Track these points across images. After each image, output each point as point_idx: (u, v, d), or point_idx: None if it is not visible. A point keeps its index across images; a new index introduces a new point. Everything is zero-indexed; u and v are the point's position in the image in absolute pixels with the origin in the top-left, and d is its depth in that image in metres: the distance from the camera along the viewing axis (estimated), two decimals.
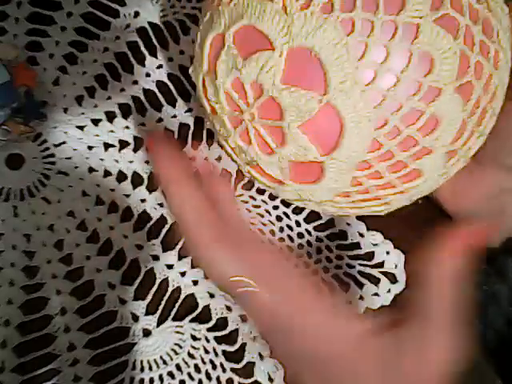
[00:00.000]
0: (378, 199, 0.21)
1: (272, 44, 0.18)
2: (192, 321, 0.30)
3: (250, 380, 0.29)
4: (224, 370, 0.29)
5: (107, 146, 0.32)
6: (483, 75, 0.19)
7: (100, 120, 0.33)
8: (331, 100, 0.18)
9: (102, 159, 0.32)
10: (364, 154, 0.19)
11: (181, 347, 0.30)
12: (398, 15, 0.17)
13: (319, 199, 0.21)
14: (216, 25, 0.20)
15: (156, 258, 0.31)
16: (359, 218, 0.33)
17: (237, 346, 0.30)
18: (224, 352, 0.29)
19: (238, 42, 0.19)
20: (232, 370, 0.29)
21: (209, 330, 0.30)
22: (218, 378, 0.29)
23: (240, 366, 0.29)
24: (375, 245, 0.32)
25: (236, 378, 0.29)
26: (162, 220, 0.32)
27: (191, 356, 0.29)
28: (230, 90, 0.20)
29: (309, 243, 0.32)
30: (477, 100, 0.19)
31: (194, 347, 0.29)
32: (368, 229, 0.32)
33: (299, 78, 0.18)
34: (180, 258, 0.31)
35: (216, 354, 0.29)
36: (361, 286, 0.32)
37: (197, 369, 0.29)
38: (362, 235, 0.32)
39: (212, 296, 0.30)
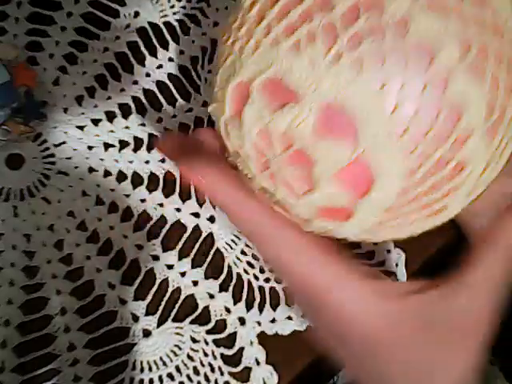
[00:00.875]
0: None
1: (301, 98, 0.18)
2: (192, 322, 0.30)
3: None
4: (222, 374, 0.29)
5: (107, 145, 0.32)
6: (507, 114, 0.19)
7: (100, 120, 0.33)
8: (363, 152, 0.18)
9: (101, 159, 0.32)
10: (393, 200, 0.19)
11: (180, 349, 0.30)
12: (428, 69, 0.17)
13: (347, 235, 0.21)
14: (238, 72, 0.20)
15: (156, 258, 0.31)
16: None
17: (235, 350, 0.30)
18: (222, 355, 0.29)
19: (265, 93, 0.19)
20: (230, 373, 0.29)
21: (208, 332, 0.30)
22: (216, 381, 0.29)
23: (237, 370, 0.29)
24: (375, 244, 0.32)
25: (233, 382, 0.29)
26: (162, 220, 0.32)
27: (190, 358, 0.29)
28: (257, 138, 0.20)
29: None
30: (502, 137, 0.19)
31: (193, 349, 0.29)
32: None
33: (330, 130, 0.18)
34: (180, 258, 0.31)
35: (214, 357, 0.29)
36: None
37: (196, 371, 0.29)
38: None
39: (212, 297, 0.30)
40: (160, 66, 0.34)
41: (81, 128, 0.32)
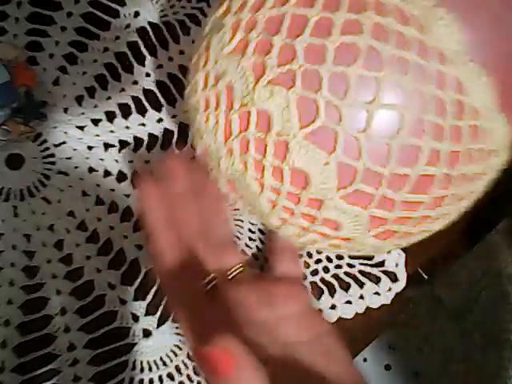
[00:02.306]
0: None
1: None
2: None
3: None
4: None
5: (107, 145, 0.32)
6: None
7: (100, 120, 0.33)
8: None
9: (101, 159, 0.32)
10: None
11: (180, 349, 0.30)
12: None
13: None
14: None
15: None
16: None
17: None
18: None
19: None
20: None
21: None
22: None
23: None
24: None
25: None
26: None
27: (190, 358, 0.29)
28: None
29: None
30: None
31: None
32: None
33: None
34: None
35: None
36: (361, 285, 0.32)
37: (196, 371, 0.29)
38: None
39: None
40: (160, 66, 0.34)
41: (81, 128, 0.32)
